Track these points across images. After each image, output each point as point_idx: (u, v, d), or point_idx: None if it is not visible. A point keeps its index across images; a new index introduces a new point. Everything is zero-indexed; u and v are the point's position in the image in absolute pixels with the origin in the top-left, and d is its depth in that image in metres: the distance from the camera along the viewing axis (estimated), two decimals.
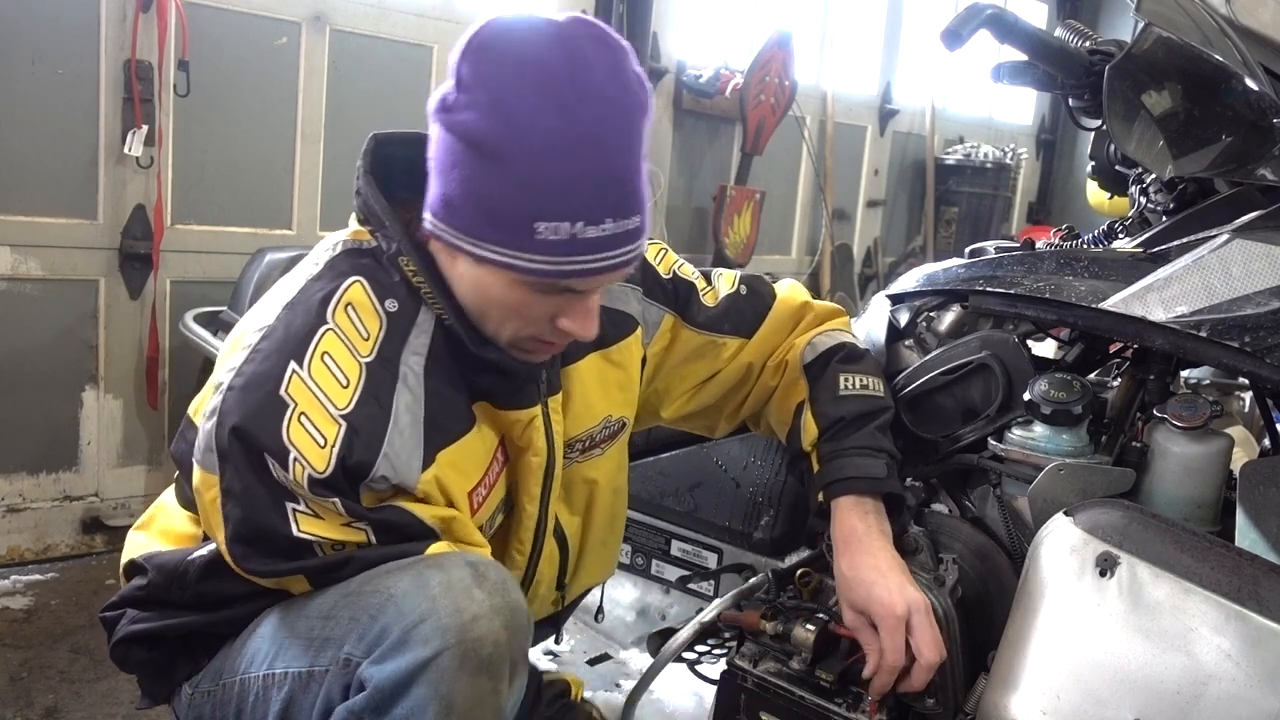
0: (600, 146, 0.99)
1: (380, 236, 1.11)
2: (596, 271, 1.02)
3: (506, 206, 0.99)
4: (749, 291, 1.43)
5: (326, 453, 1.00)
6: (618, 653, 1.74)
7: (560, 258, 1.00)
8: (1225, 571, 1.02)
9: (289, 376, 1.02)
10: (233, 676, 1.10)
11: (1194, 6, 1.28)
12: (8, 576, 2.72)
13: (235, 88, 3.00)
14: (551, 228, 0.98)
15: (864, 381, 1.34)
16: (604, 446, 1.32)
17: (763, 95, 4.43)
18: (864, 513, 1.24)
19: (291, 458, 0.99)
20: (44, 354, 2.80)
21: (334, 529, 1.02)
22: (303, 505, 1.02)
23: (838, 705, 1.20)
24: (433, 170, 1.04)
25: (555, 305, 1.07)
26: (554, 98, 0.97)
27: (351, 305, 1.07)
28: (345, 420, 1.01)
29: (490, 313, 1.08)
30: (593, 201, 0.99)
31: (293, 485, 1.00)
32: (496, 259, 1.01)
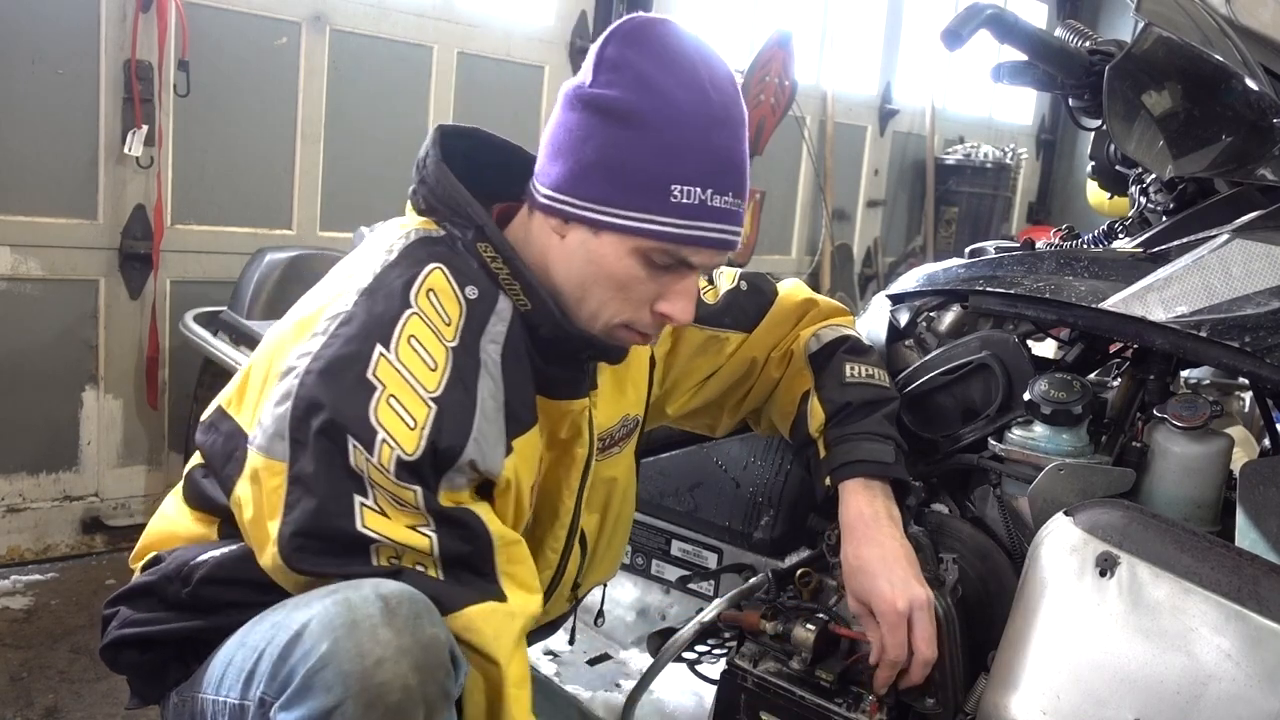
0: (729, 126, 1.07)
1: (453, 224, 1.11)
2: (716, 242, 1.07)
3: (644, 170, 1.04)
4: (750, 288, 1.45)
5: (416, 434, 0.98)
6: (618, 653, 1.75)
7: (691, 221, 1.05)
8: (1225, 571, 1.02)
9: (376, 359, 1.00)
10: (197, 692, 1.10)
11: (1194, 6, 1.28)
12: (8, 576, 2.72)
13: (235, 88, 3.00)
14: (685, 190, 1.04)
15: (869, 371, 1.35)
16: (622, 445, 1.33)
17: (763, 95, 4.43)
18: (872, 497, 1.24)
19: (380, 439, 0.97)
20: (44, 354, 2.80)
21: (398, 529, 0.99)
22: (372, 500, 0.98)
23: (838, 705, 1.20)
24: (555, 151, 1.09)
25: (659, 286, 1.10)
26: (693, 77, 1.06)
27: (433, 291, 1.06)
28: (435, 403, 1.00)
29: (594, 291, 1.10)
30: (721, 174, 1.06)
31: (372, 471, 0.97)
32: (625, 223, 1.05)
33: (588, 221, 1.07)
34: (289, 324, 1.11)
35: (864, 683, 1.22)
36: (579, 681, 1.68)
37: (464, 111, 3.47)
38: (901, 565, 1.18)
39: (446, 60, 3.44)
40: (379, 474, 0.98)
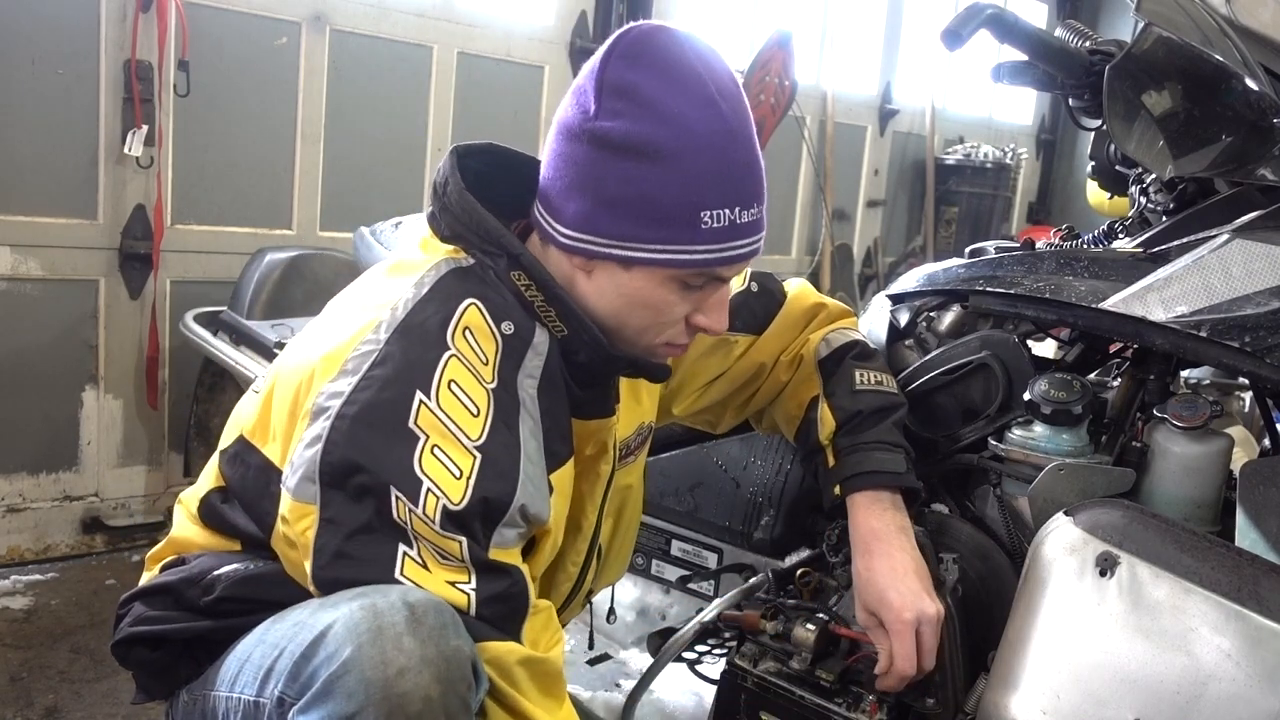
0: (742, 136, 1.07)
1: (482, 252, 1.09)
2: (747, 255, 1.08)
3: (671, 203, 1.03)
4: (760, 289, 1.44)
5: (463, 484, 0.96)
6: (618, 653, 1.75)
7: (723, 244, 1.05)
8: (1225, 571, 1.02)
9: (417, 407, 0.98)
10: (211, 690, 1.09)
11: (1194, 6, 1.28)
12: (8, 576, 2.72)
13: (235, 88, 3.00)
14: (714, 215, 1.04)
15: (878, 378, 1.35)
16: (637, 454, 1.34)
17: (763, 95, 4.43)
18: (882, 509, 1.24)
19: (425, 488, 0.95)
20: (44, 354, 2.80)
21: (439, 583, 0.96)
22: (415, 551, 0.96)
23: (838, 705, 1.20)
24: (566, 187, 1.06)
25: (694, 302, 1.10)
26: (701, 93, 1.03)
27: (470, 329, 1.04)
28: (480, 451, 0.98)
29: (631, 321, 1.10)
30: (743, 188, 1.06)
31: (416, 524, 0.95)
32: (659, 257, 1.04)
33: (617, 259, 1.05)
34: (314, 355, 1.05)
35: (864, 683, 1.22)
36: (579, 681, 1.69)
37: (464, 112, 3.47)
38: (912, 578, 1.18)
39: (446, 60, 3.44)
40: (423, 525, 0.95)
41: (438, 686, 0.90)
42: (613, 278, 1.07)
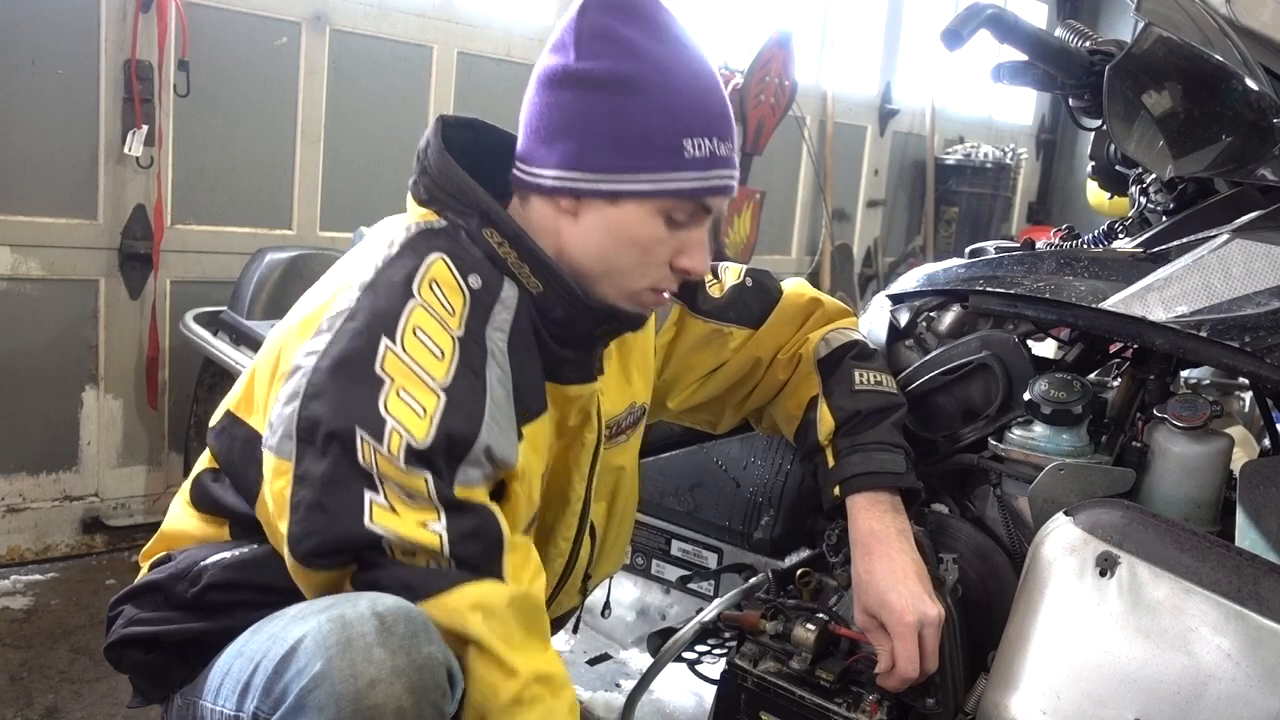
0: (710, 75, 1.11)
1: (455, 213, 1.11)
2: (727, 189, 1.11)
3: (657, 132, 1.06)
4: (755, 285, 1.44)
5: (427, 422, 0.97)
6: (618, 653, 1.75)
7: (707, 173, 1.08)
8: (1225, 571, 1.02)
9: (383, 353, 1.00)
10: (199, 698, 1.09)
11: (1194, 6, 1.28)
12: (8, 576, 2.72)
13: (235, 88, 3.00)
14: (696, 144, 1.07)
15: (878, 378, 1.35)
16: (629, 433, 1.33)
17: (763, 95, 4.43)
18: (882, 511, 1.24)
19: (389, 428, 0.96)
20: (44, 354, 2.80)
21: (409, 525, 0.96)
22: (382, 495, 0.96)
23: (838, 705, 1.20)
24: (550, 133, 1.09)
25: (677, 242, 1.12)
26: (668, 35, 1.09)
27: (436, 282, 1.05)
28: (445, 392, 0.99)
29: (618, 261, 1.11)
30: (719, 121, 1.09)
31: (381, 463, 0.96)
32: (646, 188, 1.07)
33: (605, 194, 1.08)
34: (292, 322, 1.10)
35: (864, 683, 1.22)
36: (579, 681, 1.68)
37: (464, 111, 3.45)
38: (913, 580, 1.18)
39: (446, 60, 3.44)
40: (388, 464, 0.96)
41: (410, 697, 0.90)
42: (601, 216, 1.09)
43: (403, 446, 0.96)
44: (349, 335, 1.01)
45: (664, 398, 1.45)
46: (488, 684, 0.97)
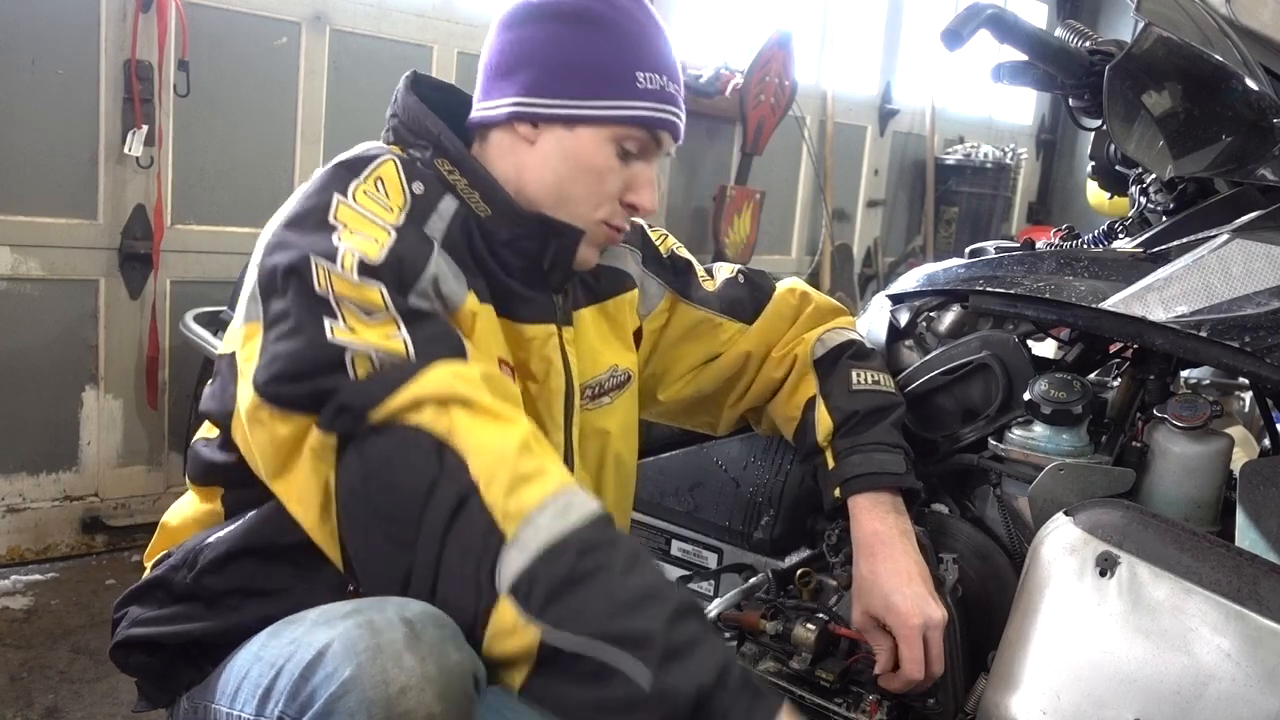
0: (657, 22, 1.19)
1: (415, 148, 1.16)
2: (675, 126, 1.17)
3: (611, 62, 1.13)
4: (747, 281, 1.46)
5: (379, 246, 1.01)
6: None
7: (657, 104, 1.14)
8: (1225, 571, 1.02)
9: (335, 205, 1.05)
10: (211, 701, 1.08)
11: (1194, 6, 1.28)
12: (8, 576, 2.72)
13: (235, 88, 3.00)
14: (648, 77, 1.14)
15: (875, 378, 1.35)
16: (612, 395, 1.32)
17: (763, 95, 4.43)
18: (884, 512, 1.24)
19: (343, 251, 0.99)
20: (44, 354, 2.80)
21: (370, 335, 0.97)
22: (341, 319, 0.97)
23: (838, 705, 1.20)
24: (511, 65, 1.15)
25: (628, 176, 1.16)
26: None
27: (381, 179, 1.10)
28: (395, 230, 1.04)
29: (573, 188, 1.15)
30: (669, 64, 1.17)
31: (336, 283, 0.98)
32: (601, 114, 1.13)
33: (563, 119, 1.13)
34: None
35: (864, 683, 1.22)
36: None
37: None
38: (917, 582, 1.18)
39: (446, 60, 3.43)
40: (343, 282, 0.98)
41: (440, 704, 0.89)
42: (559, 142, 1.14)
43: (355, 263, 0.99)
44: (302, 197, 1.08)
45: (655, 389, 1.45)
46: (492, 436, 0.94)
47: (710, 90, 4.36)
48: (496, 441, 0.94)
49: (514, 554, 0.89)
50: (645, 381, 1.43)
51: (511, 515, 0.90)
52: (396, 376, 0.95)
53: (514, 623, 0.88)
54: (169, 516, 1.23)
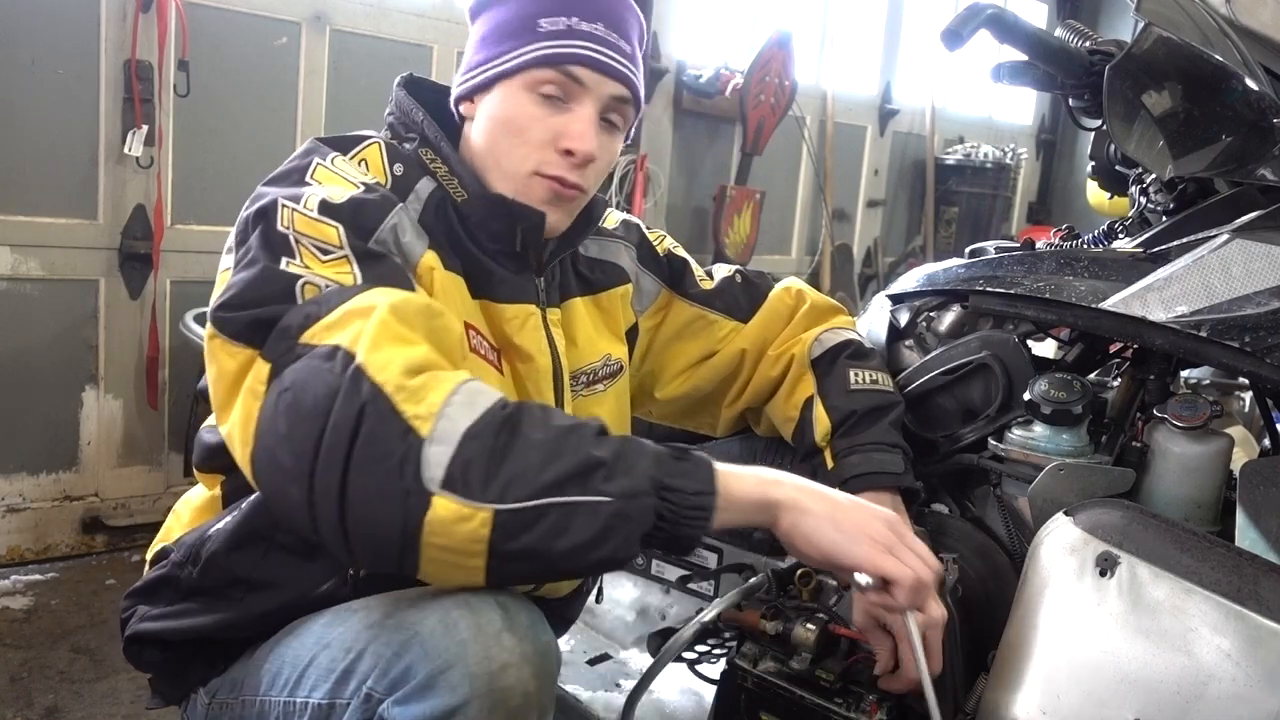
0: None
1: (406, 141, 1.19)
2: (593, 61, 1.14)
3: (515, 20, 1.15)
4: (744, 280, 1.47)
5: (343, 192, 1.05)
6: (618, 653, 1.74)
7: (560, 41, 1.13)
8: (1225, 571, 1.02)
9: (314, 167, 1.10)
10: (254, 695, 1.09)
11: (1194, 6, 1.28)
12: (8, 576, 2.72)
13: (235, 88, 3.00)
14: (551, 20, 1.13)
15: (873, 377, 1.35)
16: (605, 384, 1.33)
17: (763, 95, 4.43)
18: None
19: (308, 192, 1.04)
20: (44, 354, 2.80)
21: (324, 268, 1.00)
22: (298, 256, 1.00)
23: (838, 705, 1.20)
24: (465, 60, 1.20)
25: (557, 124, 1.14)
26: None
27: (365, 160, 1.15)
28: (363, 184, 1.08)
29: (499, 145, 1.16)
30: (587, 6, 1.15)
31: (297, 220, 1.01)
32: (506, 66, 1.14)
33: (482, 86, 1.17)
34: None
35: (864, 683, 1.22)
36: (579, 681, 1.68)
37: None
38: None
39: (447, 60, 3.44)
40: (303, 219, 1.01)
41: (535, 681, 0.94)
42: (485, 107, 1.17)
43: (318, 201, 1.03)
44: (287, 162, 1.13)
45: (651, 388, 1.45)
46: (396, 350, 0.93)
47: (710, 90, 4.37)
48: (400, 354, 0.92)
49: (435, 449, 0.88)
50: (642, 379, 1.43)
51: (423, 415, 0.89)
52: (334, 300, 0.97)
53: (457, 512, 0.88)
54: (179, 504, 1.24)
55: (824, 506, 1.01)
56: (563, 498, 0.89)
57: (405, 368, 0.91)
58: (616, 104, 1.17)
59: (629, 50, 1.18)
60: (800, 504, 1.00)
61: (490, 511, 0.88)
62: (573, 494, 0.89)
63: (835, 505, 1.02)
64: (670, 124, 4.39)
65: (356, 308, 0.95)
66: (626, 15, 1.18)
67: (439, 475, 0.88)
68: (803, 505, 1.00)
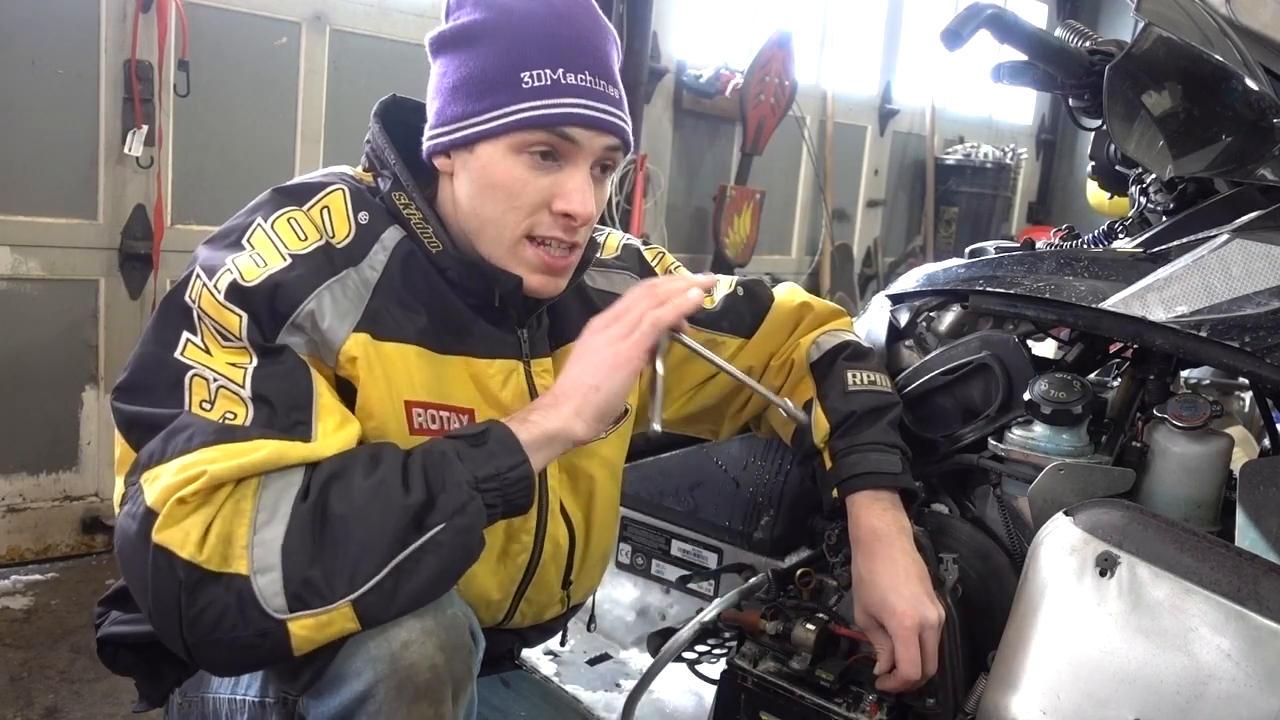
0: (574, 19, 1.09)
1: (381, 178, 1.14)
2: (584, 119, 1.07)
3: (494, 71, 1.06)
4: (746, 293, 1.45)
5: (261, 271, 1.00)
6: (618, 653, 1.75)
7: (548, 100, 1.06)
8: (1225, 571, 1.02)
9: (252, 228, 1.04)
10: (209, 692, 1.10)
11: (1194, 6, 1.28)
12: (8, 576, 2.72)
13: (235, 88, 3.00)
14: (535, 75, 1.06)
15: (871, 378, 1.34)
16: (606, 431, 1.29)
17: (763, 95, 4.43)
18: (882, 510, 1.23)
19: (223, 269, 0.99)
20: (44, 354, 2.80)
21: (219, 363, 0.97)
22: (199, 336, 0.98)
23: (838, 705, 1.20)
24: (432, 101, 1.13)
25: (551, 185, 1.09)
26: None
27: (328, 209, 1.09)
28: (293, 258, 1.03)
29: (486, 208, 1.09)
30: (571, 55, 1.07)
31: (204, 298, 0.98)
32: (490, 125, 1.06)
33: (461, 143, 1.09)
34: None
35: (864, 683, 1.22)
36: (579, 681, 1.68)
37: None
38: (914, 582, 1.18)
39: None
40: (209, 299, 0.98)
41: (442, 654, 0.94)
42: (465, 166, 1.10)
43: (229, 283, 0.99)
44: (235, 217, 1.08)
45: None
46: (200, 514, 0.91)
47: (710, 90, 4.37)
48: (195, 521, 0.90)
49: (264, 579, 0.89)
50: (646, 401, 1.41)
51: (236, 555, 0.90)
52: (179, 447, 0.93)
53: (317, 623, 0.90)
54: None
55: (575, 395, 1.06)
56: (404, 552, 0.92)
57: (201, 530, 0.90)
58: (608, 153, 1.11)
59: (617, 96, 1.11)
60: (566, 412, 1.04)
61: (349, 605, 0.90)
62: (410, 544, 0.92)
63: (575, 384, 1.07)
64: (670, 124, 4.39)
65: (186, 472, 0.91)
66: (609, 50, 1.12)
67: (282, 603, 0.89)
68: (568, 410, 1.05)
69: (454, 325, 1.13)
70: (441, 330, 1.11)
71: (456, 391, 1.13)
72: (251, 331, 0.98)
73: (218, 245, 1.04)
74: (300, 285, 1.01)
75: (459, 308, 1.13)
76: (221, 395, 0.96)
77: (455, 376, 1.13)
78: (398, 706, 0.92)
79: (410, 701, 0.92)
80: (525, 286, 1.13)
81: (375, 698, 0.91)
